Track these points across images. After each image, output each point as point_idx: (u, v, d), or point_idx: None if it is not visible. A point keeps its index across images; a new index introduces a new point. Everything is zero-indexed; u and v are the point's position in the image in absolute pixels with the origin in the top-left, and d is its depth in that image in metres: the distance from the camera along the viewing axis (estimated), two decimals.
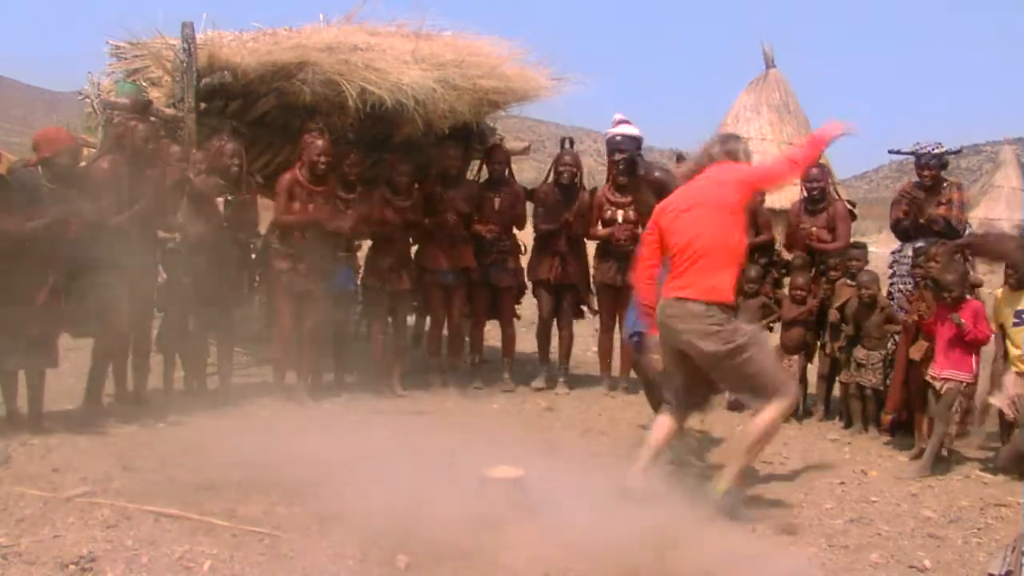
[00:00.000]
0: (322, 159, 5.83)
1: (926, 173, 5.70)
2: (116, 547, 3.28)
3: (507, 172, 6.83)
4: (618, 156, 4.78)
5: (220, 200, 5.84)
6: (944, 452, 4.98)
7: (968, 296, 5.03)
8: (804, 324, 6.01)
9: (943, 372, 4.94)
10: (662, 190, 4.79)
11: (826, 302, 5.97)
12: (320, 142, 5.85)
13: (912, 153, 5.73)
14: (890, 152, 6.11)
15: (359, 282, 6.58)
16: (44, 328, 4.82)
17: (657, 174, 4.89)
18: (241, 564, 3.21)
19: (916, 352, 5.19)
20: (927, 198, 5.71)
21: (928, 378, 5.03)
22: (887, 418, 5.50)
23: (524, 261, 6.87)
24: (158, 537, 3.39)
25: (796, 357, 6.03)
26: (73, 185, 4.87)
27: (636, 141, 4.84)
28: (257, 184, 6.43)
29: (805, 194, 6.33)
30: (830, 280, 5.99)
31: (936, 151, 5.67)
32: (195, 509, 3.70)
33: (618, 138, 4.79)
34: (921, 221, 5.68)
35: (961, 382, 4.90)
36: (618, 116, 4.89)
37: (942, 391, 4.90)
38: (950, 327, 4.90)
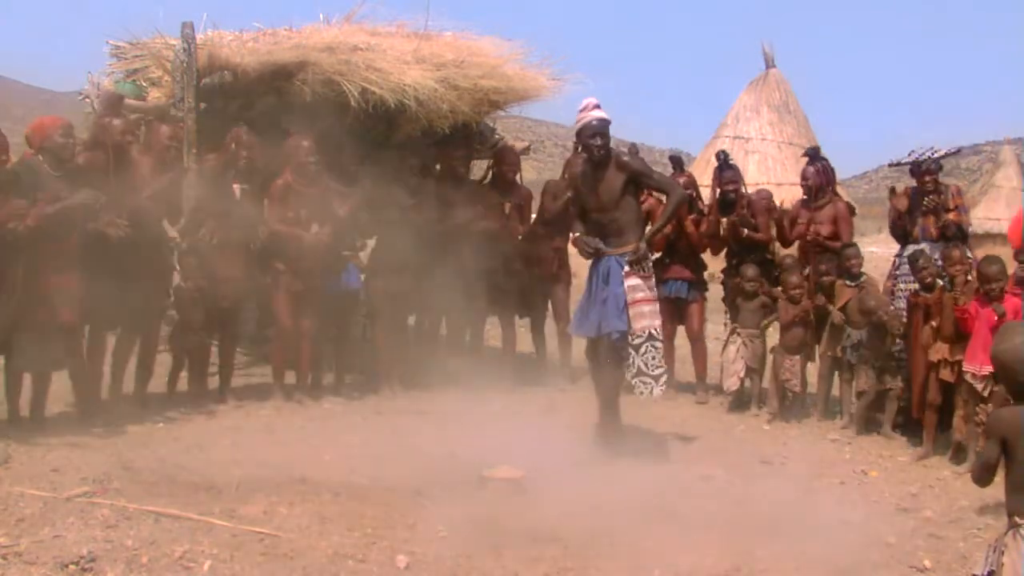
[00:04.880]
0: (311, 159, 5.82)
1: (928, 178, 5.70)
2: (116, 547, 3.28)
3: (518, 175, 6.83)
4: (600, 141, 4.79)
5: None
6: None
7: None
8: (804, 323, 6.01)
9: (984, 368, 4.74)
10: (631, 173, 4.85)
11: (820, 302, 5.96)
12: (306, 143, 5.84)
13: (913, 163, 5.74)
14: (890, 165, 6.15)
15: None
16: (66, 328, 4.84)
17: (624, 159, 4.92)
18: (241, 564, 3.21)
19: (937, 354, 5.14)
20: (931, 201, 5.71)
21: (969, 376, 4.86)
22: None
23: None
24: (158, 537, 3.39)
25: (798, 357, 6.02)
26: (75, 168, 4.89)
27: (609, 125, 4.86)
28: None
29: (804, 194, 6.34)
30: (819, 283, 5.99)
31: (936, 156, 5.67)
32: (195, 509, 3.70)
33: (595, 123, 4.81)
34: (919, 218, 5.69)
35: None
36: (592, 100, 4.92)
37: (984, 389, 4.75)
38: (991, 322, 4.78)
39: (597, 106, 4.88)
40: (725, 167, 6.50)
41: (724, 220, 6.41)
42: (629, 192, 4.87)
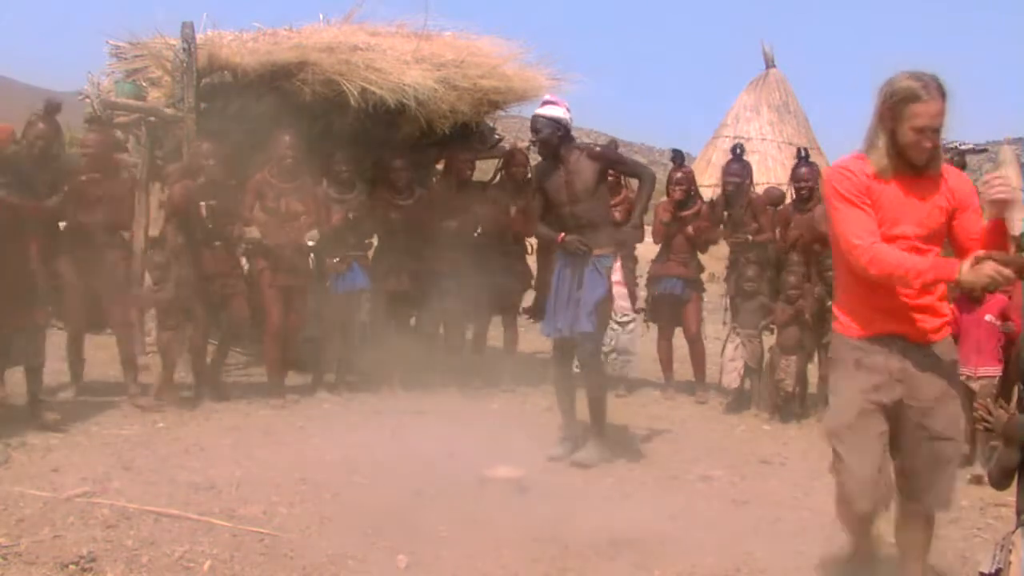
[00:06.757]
0: (289, 153, 5.84)
1: None
2: (116, 547, 3.28)
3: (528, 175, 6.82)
4: (532, 136, 4.84)
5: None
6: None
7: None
8: (800, 323, 5.99)
9: (980, 369, 4.77)
10: (606, 163, 4.87)
11: (825, 302, 5.94)
12: (287, 137, 5.86)
13: None
14: None
15: None
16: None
17: (597, 149, 4.93)
18: (241, 564, 3.22)
19: None
20: None
21: (963, 378, 4.67)
22: None
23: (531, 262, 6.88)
24: (158, 537, 3.40)
25: (794, 357, 6.01)
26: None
27: (557, 123, 4.84)
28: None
29: (794, 195, 6.30)
30: (826, 281, 5.96)
31: (962, 148, 5.60)
32: (195, 509, 3.70)
33: (541, 120, 4.83)
34: None
35: (994, 378, 4.80)
36: (546, 97, 4.96)
37: (978, 390, 4.69)
38: (981, 322, 4.79)
39: (549, 103, 4.90)
40: (733, 160, 6.49)
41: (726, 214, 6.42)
42: (602, 183, 4.91)
